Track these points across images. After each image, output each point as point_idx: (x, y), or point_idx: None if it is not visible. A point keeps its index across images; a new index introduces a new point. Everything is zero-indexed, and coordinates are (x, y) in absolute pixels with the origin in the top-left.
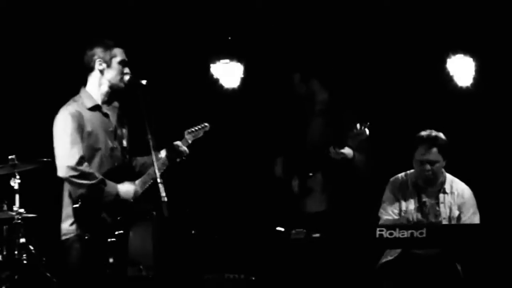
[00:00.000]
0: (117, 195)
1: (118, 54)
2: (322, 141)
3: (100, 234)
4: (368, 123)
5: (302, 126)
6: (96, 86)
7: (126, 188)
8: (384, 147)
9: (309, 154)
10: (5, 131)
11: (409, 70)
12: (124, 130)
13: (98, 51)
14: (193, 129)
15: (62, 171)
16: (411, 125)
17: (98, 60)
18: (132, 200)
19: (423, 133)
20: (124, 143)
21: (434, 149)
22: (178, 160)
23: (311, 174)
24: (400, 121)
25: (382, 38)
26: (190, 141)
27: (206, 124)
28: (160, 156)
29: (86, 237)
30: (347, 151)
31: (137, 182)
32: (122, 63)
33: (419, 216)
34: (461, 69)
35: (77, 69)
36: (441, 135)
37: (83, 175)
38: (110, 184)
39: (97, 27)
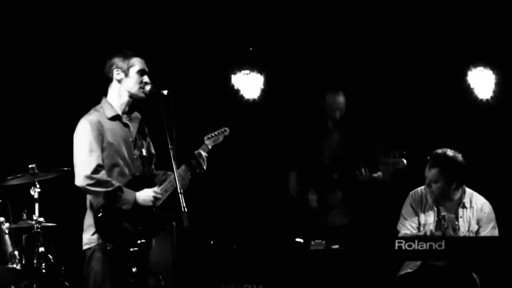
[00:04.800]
0: (135, 202)
1: (136, 64)
2: (340, 156)
3: (122, 243)
4: (404, 152)
5: (318, 141)
6: (116, 96)
7: (145, 195)
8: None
9: (327, 169)
10: (26, 140)
11: (430, 83)
12: (145, 142)
13: (117, 61)
14: (212, 134)
15: (79, 180)
16: (431, 138)
17: (116, 70)
18: (151, 206)
19: (437, 150)
20: (144, 153)
21: (434, 170)
22: (198, 170)
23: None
24: (420, 134)
25: (403, 52)
26: (210, 147)
27: (225, 128)
28: (180, 175)
29: (108, 247)
30: (378, 174)
31: (158, 189)
32: (140, 73)
33: (438, 233)
34: (481, 81)
35: (100, 79)
36: (453, 157)
37: (99, 183)
38: (127, 191)
39: (121, 37)
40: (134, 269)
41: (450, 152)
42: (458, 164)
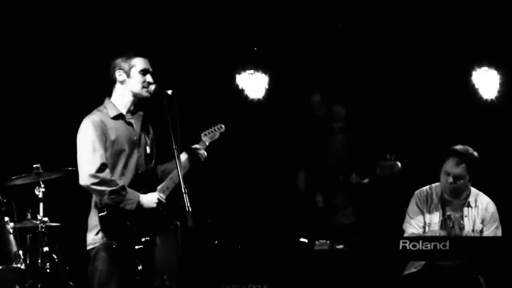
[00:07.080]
0: (139, 204)
1: (138, 63)
2: (344, 158)
3: (127, 241)
4: (400, 155)
5: (322, 144)
6: (119, 96)
7: (149, 198)
8: (410, 160)
9: (332, 170)
10: (30, 140)
11: (435, 84)
12: (148, 139)
13: (119, 62)
14: (209, 131)
15: (83, 179)
16: (437, 138)
17: (118, 71)
18: (156, 207)
19: (457, 146)
20: (148, 151)
21: (463, 165)
22: (197, 163)
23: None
24: (425, 135)
25: (407, 52)
26: (207, 143)
27: (221, 125)
28: (182, 160)
29: (113, 246)
30: (367, 180)
31: (159, 187)
32: (143, 72)
33: (443, 233)
34: (486, 82)
35: (104, 79)
36: (475, 153)
37: (103, 182)
38: (131, 192)
39: (125, 37)
40: (140, 267)
41: (470, 149)
42: (479, 161)
